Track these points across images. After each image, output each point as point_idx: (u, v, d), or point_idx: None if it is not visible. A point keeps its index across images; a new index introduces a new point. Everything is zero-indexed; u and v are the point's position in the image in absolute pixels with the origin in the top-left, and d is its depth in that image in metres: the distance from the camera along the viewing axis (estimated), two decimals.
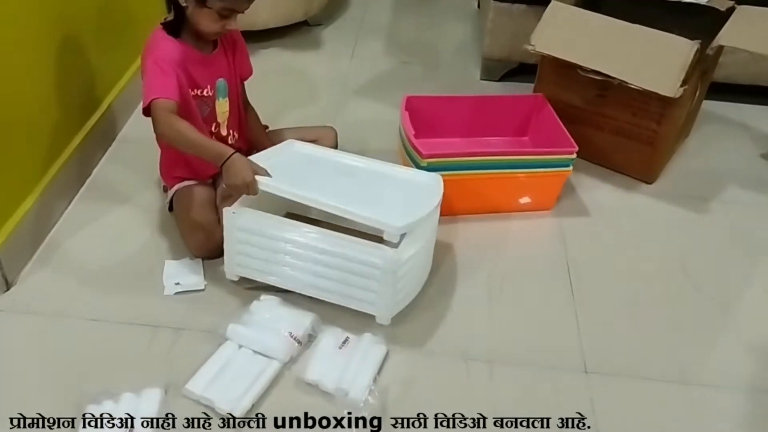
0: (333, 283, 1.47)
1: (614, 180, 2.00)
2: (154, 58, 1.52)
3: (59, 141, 1.78)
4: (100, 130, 1.94)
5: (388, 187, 1.57)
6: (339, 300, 1.49)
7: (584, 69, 1.80)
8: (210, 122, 1.68)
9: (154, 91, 1.47)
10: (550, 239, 1.80)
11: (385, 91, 2.35)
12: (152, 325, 1.49)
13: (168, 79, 1.50)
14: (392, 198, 1.54)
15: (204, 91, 1.63)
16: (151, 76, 1.51)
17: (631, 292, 1.66)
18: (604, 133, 1.97)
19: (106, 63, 1.97)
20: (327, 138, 1.87)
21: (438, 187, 1.55)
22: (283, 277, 1.52)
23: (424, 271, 1.59)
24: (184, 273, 1.60)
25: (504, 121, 2.00)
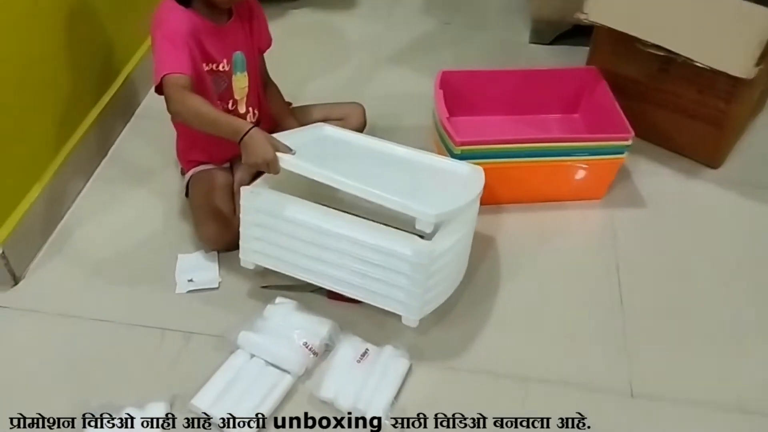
0: (358, 276, 1.33)
1: (674, 164, 1.80)
2: (164, 32, 1.39)
3: (73, 117, 1.67)
4: (118, 103, 1.83)
5: (423, 176, 1.43)
6: (363, 296, 1.36)
7: (644, 43, 1.58)
8: (227, 99, 1.55)
9: (165, 67, 1.35)
10: (599, 234, 1.62)
11: (422, 57, 2.16)
12: (161, 327, 1.40)
13: (179, 52, 1.37)
14: (428, 187, 1.41)
15: (219, 65, 1.49)
16: (162, 51, 1.38)
17: (688, 300, 1.48)
18: (665, 111, 1.76)
19: (123, 29, 1.84)
20: (355, 116, 1.72)
21: (479, 179, 1.40)
22: (303, 268, 1.39)
23: (459, 269, 1.45)
24: (198, 268, 1.50)
25: (552, 97, 1.80)
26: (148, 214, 1.64)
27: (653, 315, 1.45)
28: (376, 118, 1.86)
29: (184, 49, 1.38)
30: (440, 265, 1.31)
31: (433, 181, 1.43)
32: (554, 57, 2.18)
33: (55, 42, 1.57)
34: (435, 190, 1.39)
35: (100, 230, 1.60)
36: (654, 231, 1.63)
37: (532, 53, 2.21)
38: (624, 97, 1.74)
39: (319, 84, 2.03)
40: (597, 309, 1.46)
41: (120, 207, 1.65)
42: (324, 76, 2.07)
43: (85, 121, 1.70)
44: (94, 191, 1.69)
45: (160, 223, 1.61)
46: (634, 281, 1.51)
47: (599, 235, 1.62)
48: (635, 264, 1.55)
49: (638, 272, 1.53)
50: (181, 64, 1.36)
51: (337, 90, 2.01)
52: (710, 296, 1.49)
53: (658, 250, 1.59)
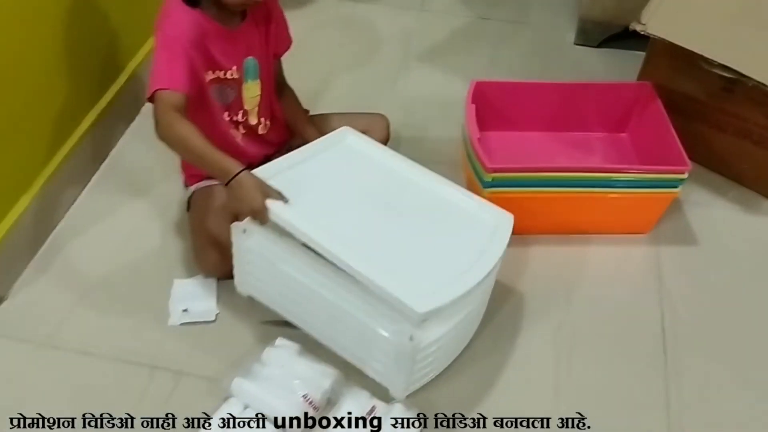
0: (347, 339, 1.20)
1: (733, 194, 1.60)
2: (164, 36, 1.24)
3: (70, 118, 1.53)
4: (121, 102, 1.68)
5: (437, 226, 1.22)
6: (352, 359, 1.22)
7: (710, 62, 1.38)
8: (236, 109, 1.39)
9: (159, 80, 1.21)
10: (643, 275, 1.44)
11: (456, 57, 1.98)
12: (150, 365, 1.26)
13: (176, 64, 1.22)
14: (437, 248, 1.18)
15: (228, 72, 1.33)
16: (158, 61, 1.23)
17: (744, 357, 1.31)
18: (726, 135, 1.56)
19: (129, 21, 1.68)
20: (377, 129, 1.56)
21: (503, 236, 1.20)
22: (295, 315, 1.26)
23: (460, 344, 1.28)
24: (194, 296, 1.36)
25: (598, 113, 1.61)
26: (145, 229, 1.50)
27: (702, 375, 1.28)
28: (401, 127, 1.70)
29: (182, 59, 1.22)
30: (432, 351, 1.13)
31: (447, 236, 1.20)
32: (602, 61, 1.98)
33: (49, 36, 1.42)
34: (444, 254, 1.17)
35: (92, 247, 1.46)
36: (707, 272, 1.45)
37: (578, 56, 2.00)
38: (680, 115, 1.55)
39: (342, 85, 1.87)
40: (636, 365, 1.30)
41: (115, 221, 1.51)
42: (347, 76, 1.90)
43: (83, 123, 1.56)
44: (88, 202, 1.55)
45: (158, 240, 1.48)
46: (682, 332, 1.34)
47: (643, 276, 1.44)
48: (683, 312, 1.37)
49: (687, 322, 1.36)
50: (176, 78, 1.20)
51: (361, 92, 1.85)
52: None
53: (710, 295, 1.41)
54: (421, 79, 1.90)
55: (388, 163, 1.33)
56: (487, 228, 1.21)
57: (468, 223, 1.22)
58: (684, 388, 1.26)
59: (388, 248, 1.15)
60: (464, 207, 1.25)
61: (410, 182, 1.29)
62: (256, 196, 1.16)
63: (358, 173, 1.30)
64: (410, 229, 1.20)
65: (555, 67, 1.96)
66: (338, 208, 1.22)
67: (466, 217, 1.24)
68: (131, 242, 1.47)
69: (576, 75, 1.93)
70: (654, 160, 1.50)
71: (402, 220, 1.22)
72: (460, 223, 1.23)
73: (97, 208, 1.53)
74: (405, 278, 1.09)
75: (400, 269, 1.11)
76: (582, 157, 1.59)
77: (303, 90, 1.56)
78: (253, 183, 1.17)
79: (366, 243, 1.14)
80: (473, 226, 1.21)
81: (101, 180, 1.60)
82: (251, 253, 1.23)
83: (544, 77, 1.92)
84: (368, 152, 1.35)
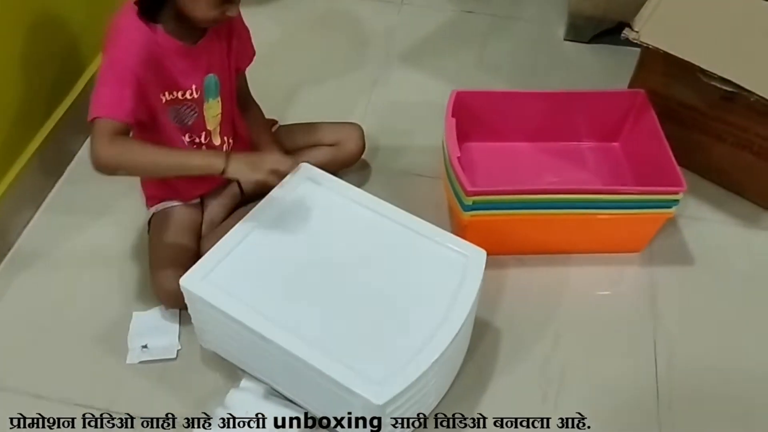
0: (311, 396, 1.11)
1: (731, 206, 1.51)
2: (112, 56, 1.12)
3: (23, 130, 1.42)
4: (80, 111, 1.52)
5: (400, 288, 1.11)
6: (320, 413, 1.13)
7: (708, 74, 1.27)
8: (198, 131, 1.29)
9: (100, 106, 1.09)
10: (635, 298, 1.35)
11: (440, 55, 1.86)
12: (104, 409, 1.17)
13: (123, 89, 1.10)
14: (398, 315, 1.07)
15: (186, 92, 1.22)
16: (103, 82, 1.12)
17: (746, 396, 1.22)
18: (724, 145, 1.46)
19: (87, 25, 1.56)
20: (351, 141, 1.46)
21: (472, 285, 1.09)
22: (258, 372, 1.17)
23: (443, 383, 1.18)
24: (155, 331, 1.27)
25: (589, 123, 1.50)
26: (103, 254, 1.40)
27: (698, 412, 1.20)
28: (380, 135, 1.60)
29: (129, 84, 1.10)
30: (403, 402, 1.02)
31: (410, 298, 1.09)
32: (593, 58, 1.86)
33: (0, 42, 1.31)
34: (405, 322, 1.06)
35: (45, 275, 1.36)
36: (704, 295, 1.36)
37: (568, 52, 1.89)
38: (676, 124, 1.46)
39: (317, 88, 1.75)
40: (624, 396, 1.21)
41: (71, 245, 1.41)
42: (323, 78, 1.78)
43: (37, 136, 1.46)
44: (41, 225, 1.44)
45: (117, 267, 1.38)
46: (676, 367, 1.25)
47: (634, 299, 1.35)
48: (678, 339, 1.29)
49: (681, 355, 1.26)
50: (120, 105, 1.09)
51: (338, 97, 1.73)
52: None
53: (707, 319, 1.32)
54: (403, 82, 1.79)
55: (346, 211, 1.21)
56: (455, 277, 1.10)
57: (434, 274, 1.11)
58: (676, 418, 1.17)
59: (343, 324, 1.05)
60: (431, 254, 1.14)
61: (370, 233, 1.17)
62: (261, 160, 1.15)
63: (312, 233, 1.18)
64: (369, 296, 1.09)
65: (545, 65, 1.85)
66: (288, 283, 1.11)
67: (431, 267, 1.12)
68: (88, 271, 1.37)
69: (567, 72, 1.83)
70: (648, 172, 1.41)
71: (359, 285, 1.11)
72: (425, 277, 1.12)
73: (50, 233, 1.43)
74: (360, 362, 0.99)
75: (356, 351, 1.01)
76: (572, 169, 1.49)
77: (273, 95, 1.46)
78: (241, 156, 1.14)
79: (318, 322, 1.05)
80: (439, 278, 1.10)
81: (55, 200, 1.49)
82: (201, 311, 1.13)
83: (533, 75, 1.82)
84: (324, 202, 1.22)
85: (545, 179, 1.46)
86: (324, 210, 1.21)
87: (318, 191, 1.23)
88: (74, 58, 1.57)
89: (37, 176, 1.46)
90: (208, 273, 1.10)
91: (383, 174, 1.55)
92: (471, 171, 1.46)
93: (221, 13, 1.14)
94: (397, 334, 1.04)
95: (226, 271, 1.11)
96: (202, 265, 1.11)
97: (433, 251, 1.14)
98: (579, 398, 1.21)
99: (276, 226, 1.18)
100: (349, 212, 1.20)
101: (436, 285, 1.10)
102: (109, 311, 1.30)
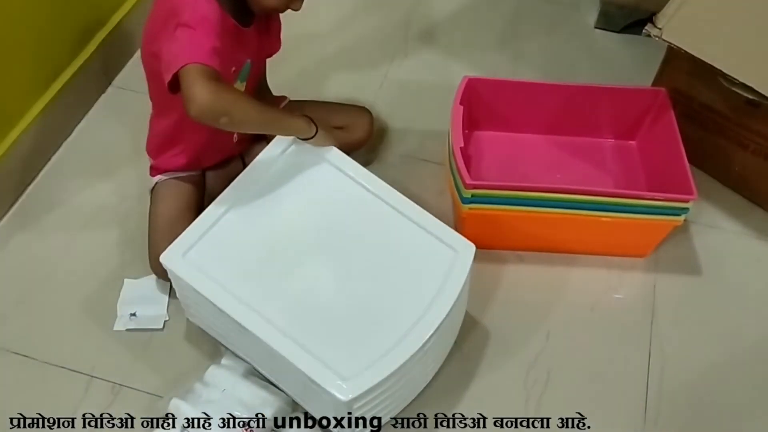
0: (287, 381, 1.11)
1: (749, 216, 1.44)
2: (188, 18, 1.03)
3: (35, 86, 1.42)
4: (91, 71, 1.56)
5: (383, 276, 1.08)
6: (298, 400, 1.13)
7: (731, 79, 1.20)
8: None
9: (187, 54, 0.99)
10: (634, 308, 1.31)
11: (460, 35, 1.80)
12: (89, 374, 1.19)
13: (209, 40, 1.02)
14: (378, 306, 1.05)
15: (231, 69, 1.18)
16: (184, 37, 1.02)
17: (735, 415, 1.18)
18: (746, 153, 1.39)
19: None
20: (359, 126, 1.43)
21: (457, 282, 1.06)
22: (239, 350, 1.17)
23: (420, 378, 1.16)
24: (144, 300, 1.28)
25: (605, 119, 1.44)
26: (102, 219, 1.40)
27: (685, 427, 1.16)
28: (391, 115, 1.58)
29: (215, 37, 1.03)
30: (373, 398, 1.00)
31: (391, 288, 1.06)
32: (622, 48, 1.78)
33: None
34: (384, 314, 1.04)
35: (43, 238, 1.37)
36: (710, 310, 1.31)
37: (597, 41, 1.81)
38: (698, 126, 1.40)
39: (331, 65, 1.71)
40: (609, 405, 1.18)
41: (70, 208, 1.41)
42: (337, 54, 1.74)
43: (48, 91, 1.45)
44: (44, 186, 1.45)
45: (116, 232, 1.38)
46: (670, 383, 1.21)
47: (633, 309, 1.30)
48: (673, 350, 1.25)
49: (675, 363, 1.23)
50: (210, 54, 1.00)
51: (352, 74, 1.69)
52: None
53: (705, 332, 1.28)
54: (420, 60, 1.73)
55: (337, 185, 1.16)
56: (441, 272, 1.07)
57: (420, 266, 1.08)
58: None
59: (319, 313, 1.03)
60: (419, 244, 1.10)
61: (359, 213, 1.14)
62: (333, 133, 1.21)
63: (297, 208, 1.14)
64: (349, 283, 1.07)
65: (571, 53, 1.77)
66: (266, 264, 1.08)
67: (418, 258, 1.09)
68: (85, 234, 1.38)
69: (593, 62, 1.75)
70: (661, 175, 1.35)
71: (341, 270, 1.09)
72: (410, 268, 1.08)
73: (51, 195, 1.43)
74: (332, 355, 0.98)
75: (328, 343, 1.00)
76: (583, 166, 1.44)
77: (286, 68, 1.42)
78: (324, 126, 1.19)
79: (294, 310, 1.03)
80: (425, 271, 1.07)
81: (60, 161, 1.49)
82: (184, 288, 1.12)
83: (558, 63, 1.75)
84: (315, 173, 1.17)
85: (553, 174, 1.41)
86: (314, 183, 1.17)
87: (312, 161, 1.19)
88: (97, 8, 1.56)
89: (43, 135, 1.46)
90: (189, 249, 1.09)
91: (389, 156, 1.52)
92: (477, 161, 1.43)
93: (286, 3, 1.12)
94: (374, 327, 1.02)
95: (207, 247, 1.09)
96: (182, 240, 1.09)
97: (422, 241, 1.11)
98: (563, 402, 1.18)
99: (260, 198, 1.15)
100: (340, 187, 1.16)
101: (421, 278, 1.07)
102: (102, 275, 1.31)
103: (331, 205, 1.15)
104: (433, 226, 1.13)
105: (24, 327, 1.25)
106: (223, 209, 1.13)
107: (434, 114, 1.58)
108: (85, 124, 1.56)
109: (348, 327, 1.03)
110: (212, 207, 1.14)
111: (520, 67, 1.73)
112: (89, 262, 1.33)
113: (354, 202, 1.15)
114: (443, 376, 1.20)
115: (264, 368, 1.14)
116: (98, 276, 1.31)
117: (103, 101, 1.60)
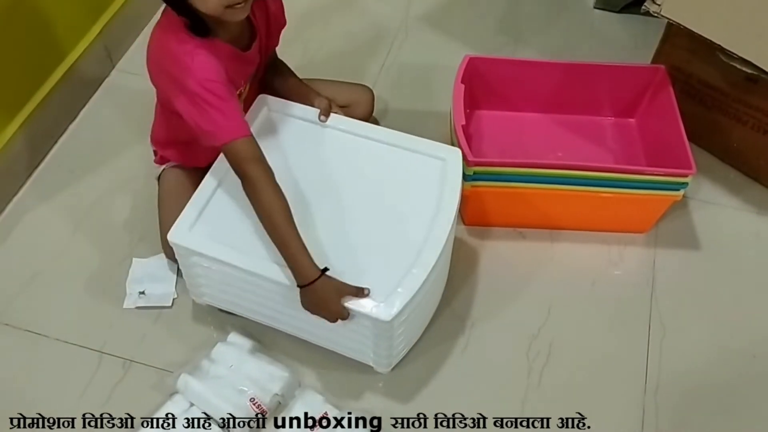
0: (316, 327, 1.12)
1: (747, 192, 1.46)
2: (197, 83, 1.05)
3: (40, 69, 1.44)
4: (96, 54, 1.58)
5: (383, 201, 1.14)
6: (330, 344, 1.17)
7: (729, 54, 1.22)
8: None
9: (230, 129, 1.06)
10: (633, 282, 1.33)
11: (461, 15, 1.81)
12: (99, 350, 1.22)
13: (230, 104, 1.07)
14: (386, 229, 1.10)
15: (239, 89, 1.20)
16: (210, 111, 1.05)
17: (734, 386, 1.20)
18: (744, 128, 1.40)
19: None
20: (362, 104, 1.43)
21: (454, 185, 1.13)
22: (257, 313, 1.19)
23: (433, 301, 1.24)
24: (153, 278, 1.30)
25: (605, 97, 1.46)
26: (111, 200, 1.42)
27: (684, 398, 1.18)
28: (392, 95, 1.60)
29: (231, 99, 1.07)
30: (407, 317, 1.06)
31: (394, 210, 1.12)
32: (621, 28, 1.80)
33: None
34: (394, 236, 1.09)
35: (51, 218, 1.39)
36: (709, 284, 1.33)
37: (596, 21, 1.82)
38: (697, 102, 1.42)
39: (334, 44, 1.72)
40: (609, 376, 1.21)
41: (77, 190, 1.43)
42: (340, 34, 1.75)
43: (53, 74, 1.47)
44: (54, 165, 1.47)
45: (124, 213, 1.40)
46: (669, 356, 1.23)
47: (633, 283, 1.33)
48: (672, 323, 1.27)
49: (676, 344, 1.25)
50: (240, 121, 1.07)
51: (354, 54, 1.71)
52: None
53: (704, 306, 1.30)
54: (422, 42, 1.75)
55: (317, 136, 1.22)
56: (435, 183, 1.14)
57: (414, 183, 1.15)
58: (662, 416, 1.17)
59: (334, 251, 1.06)
60: (408, 164, 1.17)
61: (344, 155, 1.19)
62: (333, 299, 1.03)
63: (287, 164, 1.17)
64: (354, 218, 1.12)
65: (571, 33, 1.79)
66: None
67: (411, 177, 1.16)
68: (93, 215, 1.40)
69: (593, 42, 1.76)
70: (660, 152, 1.37)
71: (343, 209, 1.13)
72: (406, 188, 1.15)
73: (62, 174, 1.46)
74: (360, 285, 1.03)
75: (353, 274, 1.04)
76: (583, 143, 1.46)
77: (290, 48, 1.42)
78: (331, 287, 1.03)
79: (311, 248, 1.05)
80: (420, 187, 1.14)
81: (66, 143, 1.51)
82: (197, 265, 1.14)
83: (557, 43, 1.76)
84: (294, 130, 1.22)
85: (554, 152, 1.43)
86: (296, 139, 1.21)
87: (287, 121, 1.23)
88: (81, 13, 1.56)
89: (49, 118, 1.48)
90: (194, 223, 1.11)
91: None
92: (478, 140, 1.44)
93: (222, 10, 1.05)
94: (390, 251, 1.08)
95: (211, 217, 1.12)
96: (186, 216, 1.11)
97: (410, 160, 1.18)
98: (564, 375, 1.21)
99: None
100: (318, 137, 1.22)
101: (420, 194, 1.13)
102: (110, 256, 1.34)
103: (316, 154, 1.19)
104: (415, 143, 1.20)
105: (36, 305, 1.27)
106: (217, 180, 1.15)
107: (435, 94, 1.60)
108: (90, 107, 1.57)
109: (366, 258, 1.07)
110: (206, 180, 1.16)
111: (520, 48, 1.74)
112: (98, 241, 1.36)
113: (337, 146, 1.20)
114: (448, 350, 1.22)
115: (289, 323, 1.16)
116: (107, 255, 1.34)
117: (107, 85, 1.62)
